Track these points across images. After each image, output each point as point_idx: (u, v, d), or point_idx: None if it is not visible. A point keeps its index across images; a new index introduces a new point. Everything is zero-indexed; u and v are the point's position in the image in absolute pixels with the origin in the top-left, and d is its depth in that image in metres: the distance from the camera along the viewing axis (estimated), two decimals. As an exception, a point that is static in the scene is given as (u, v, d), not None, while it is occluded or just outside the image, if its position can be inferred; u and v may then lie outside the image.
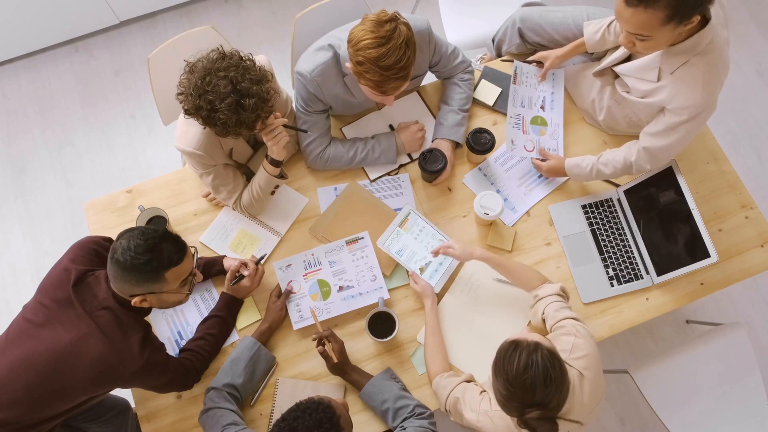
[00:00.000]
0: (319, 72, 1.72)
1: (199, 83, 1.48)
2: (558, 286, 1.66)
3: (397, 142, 1.93)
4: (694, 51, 1.52)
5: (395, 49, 1.50)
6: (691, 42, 1.51)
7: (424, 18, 1.78)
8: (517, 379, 1.27)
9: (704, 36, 1.50)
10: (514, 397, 1.28)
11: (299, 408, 1.25)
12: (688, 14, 1.41)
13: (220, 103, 1.46)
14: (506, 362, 1.30)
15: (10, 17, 2.75)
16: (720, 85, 1.58)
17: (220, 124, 1.49)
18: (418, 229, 1.83)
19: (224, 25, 3.13)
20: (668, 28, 1.43)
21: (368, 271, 1.82)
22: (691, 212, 1.69)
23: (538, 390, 1.26)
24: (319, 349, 1.65)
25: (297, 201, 1.93)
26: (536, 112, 2.01)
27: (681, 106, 1.59)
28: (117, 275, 1.37)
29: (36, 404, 1.41)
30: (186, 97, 1.51)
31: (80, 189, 2.83)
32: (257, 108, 1.50)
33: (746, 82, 3.09)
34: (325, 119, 1.88)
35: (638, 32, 1.46)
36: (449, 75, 1.98)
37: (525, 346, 1.31)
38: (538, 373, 1.26)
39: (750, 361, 2.06)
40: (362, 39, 1.52)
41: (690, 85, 1.56)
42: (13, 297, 2.65)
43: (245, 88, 1.47)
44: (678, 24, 1.42)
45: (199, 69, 1.50)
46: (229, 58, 1.51)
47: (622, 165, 1.78)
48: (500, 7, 2.43)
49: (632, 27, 1.46)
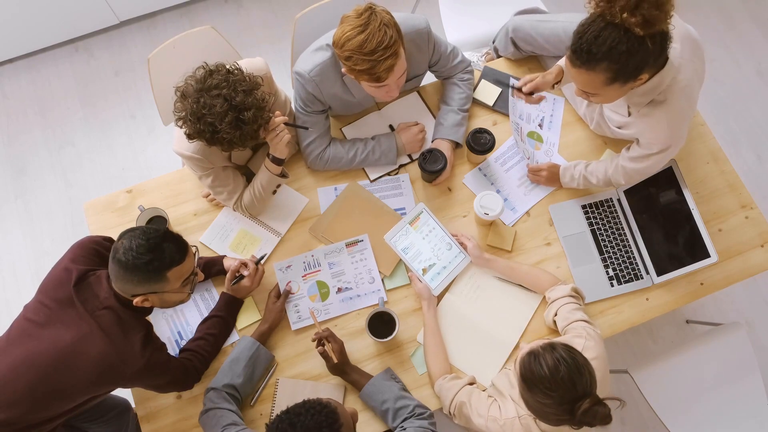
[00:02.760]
0: (318, 72, 1.73)
1: (195, 107, 1.47)
2: (569, 287, 1.68)
3: (398, 143, 1.93)
4: (655, 91, 1.55)
5: (375, 31, 1.52)
6: (651, 84, 1.52)
7: (423, 17, 1.78)
8: (554, 380, 1.26)
9: (663, 77, 1.52)
10: (559, 399, 1.27)
11: (304, 406, 1.25)
12: (632, 76, 1.44)
13: (220, 123, 1.46)
14: (534, 372, 1.29)
15: (10, 17, 2.75)
16: (686, 120, 1.62)
17: (226, 142, 1.50)
18: (428, 229, 1.82)
19: (224, 25, 3.13)
20: (614, 87, 1.47)
21: (367, 274, 1.83)
22: (691, 212, 1.69)
23: (577, 381, 1.26)
24: (319, 349, 1.65)
25: (297, 201, 1.93)
26: (534, 128, 2.02)
27: (649, 141, 1.65)
28: (119, 275, 1.37)
29: (37, 404, 1.41)
30: (185, 122, 1.51)
31: (80, 189, 2.83)
32: (257, 118, 1.50)
33: (746, 82, 3.09)
34: (325, 119, 1.88)
35: (585, 89, 1.52)
36: (449, 75, 1.98)
37: (542, 350, 1.32)
38: (569, 365, 1.27)
39: (750, 361, 2.06)
40: (343, 34, 1.55)
41: (655, 125, 1.61)
42: (13, 297, 2.65)
43: (241, 102, 1.47)
44: (623, 84, 1.46)
45: (190, 93, 1.49)
46: (216, 73, 1.49)
47: (603, 176, 1.83)
48: (500, 7, 2.43)
49: (579, 84, 1.53)
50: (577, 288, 1.69)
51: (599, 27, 1.39)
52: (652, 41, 1.38)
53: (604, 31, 1.38)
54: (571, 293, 1.66)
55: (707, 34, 3.18)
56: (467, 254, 1.80)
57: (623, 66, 1.40)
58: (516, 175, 1.98)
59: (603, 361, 1.49)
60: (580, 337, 1.51)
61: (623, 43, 1.37)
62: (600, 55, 1.39)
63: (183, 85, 1.52)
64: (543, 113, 2.04)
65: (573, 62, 1.46)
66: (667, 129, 1.59)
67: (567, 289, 1.67)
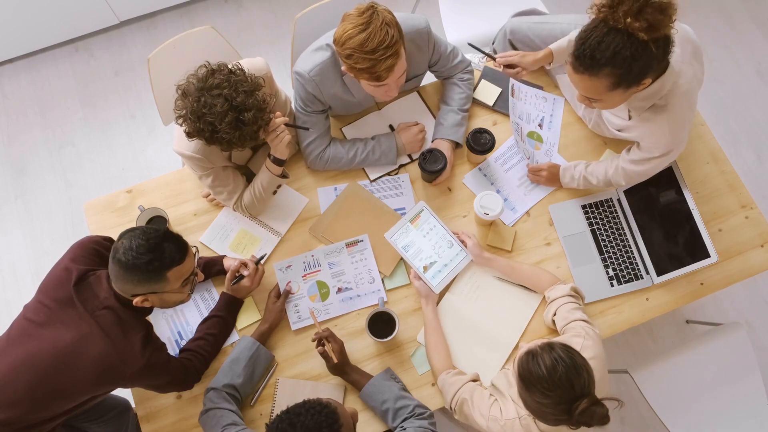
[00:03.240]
0: (318, 72, 1.73)
1: (195, 106, 1.47)
2: (569, 286, 1.68)
3: (398, 143, 1.93)
4: (657, 96, 1.55)
5: (377, 30, 1.52)
6: (653, 89, 1.52)
7: (422, 17, 1.78)
8: (552, 379, 1.27)
9: (665, 82, 1.52)
10: (557, 399, 1.27)
11: (304, 406, 1.24)
12: (635, 81, 1.44)
13: (220, 123, 1.46)
14: (532, 371, 1.30)
15: (10, 17, 2.75)
16: (687, 124, 1.62)
17: (225, 142, 1.50)
18: (429, 227, 1.82)
19: (224, 25, 3.13)
20: (617, 93, 1.47)
21: (367, 274, 1.83)
22: (691, 212, 1.69)
23: (575, 381, 1.27)
24: (319, 349, 1.65)
25: (297, 201, 1.93)
26: (533, 128, 2.02)
27: (650, 146, 1.65)
28: (119, 275, 1.37)
29: (37, 404, 1.41)
30: (185, 120, 1.51)
31: (80, 189, 2.83)
32: (257, 119, 1.50)
33: (746, 82, 3.08)
34: (325, 119, 1.88)
35: (588, 95, 1.52)
36: (448, 75, 1.98)
37: (540, 350, 1.32)
38: (567, 365, 1.27)
39: (750, 361, 2.06)
40: (344, 33, 1.55)
41: (656, 130, 1.61)
42: (13, 297, 2.65)
43: (241, 102, 1.47)
44: (627, 89, 1.46)
45: (191, 91, 1.49)
46: (218, 72, 1.49)
47: (603, 177, 1.83)
48: (500, 7, 2.43)
49: (582, 90, 1.52)
50: (577, 288, 1.69)
51: (602, 32, 1.38)
52: (656, 45, 1.37)
53: (608, 37, 1.37)
54: (570, 293, 1.67)
55: (707, 34, 3.18)
56: (469, 251, 1.80)
57: (627, 71, 1.40)
58: (516, 175, 1.97)
59: (601, 360, 1.49)
60: (579, 337, 1.51)
61: (627, 48, 1.36)
62: (603, 61, 1.39)
63: (185, 83, 1.53)
64: (543, 113, 2.04)
65: (576, 68, 1.45)
66: (668, 134, 1.59)
67: (566, 289, 1.67)
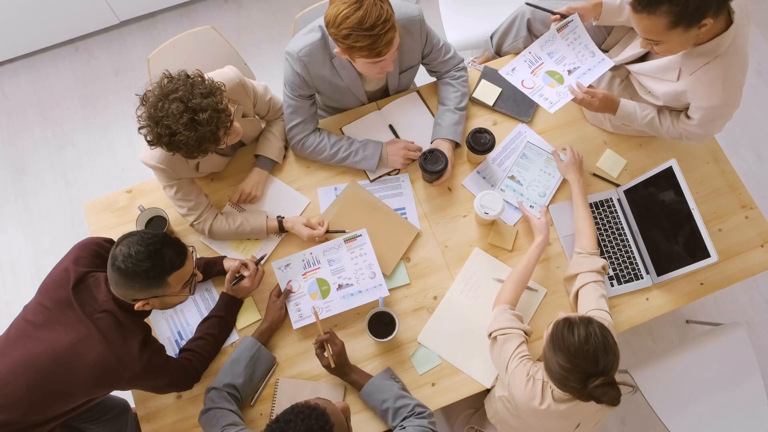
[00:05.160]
0: (307, 52, 1.73)
1: (152, 111, 1.47)
2: (601, 263, 1.70)
3: (383, 153, 1.92)
4: (715, 53, 1.54)
5: (371, 6, 1.52)
6: (714, 44, 1.52)
7: (417, 6, 1.79)
8: (580, 350, 1.31)
9: (726, 38, 1.51)
10: (577, 368, 1.32)
11: (293, 411, 1.23)
12: (695, 19, 1.43)
13: (176, 125, 1.45)
14: (566, 336, 1.34)
15: (10, 17, 2.75)
16: (740, 85, 1.62)
17: (183, 146, 1.49)
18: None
19: (224, 25, 3.13)
20: (677, 32, 1.46)
21: (367, 269, 1.82)
22: (691, 212, 1.69)
23: (600, 359, 1.31)
24: (317, 352, 1.65)
25: (297, 201, 1.93)
26: (560, 70, 1.86)
27: (701, 106, 1.64)
28: (119, 282, 1.37)
29: (36, 405, 1.41)
30: (147, 128, 1.51)
31: (80, 189, 2.83)
32: (212, 120, 1.48)
33: (746, 83, 3.07)
34: (310, 105, 1.88)
35: (648, 37, 1.51)
36: (441, 70, 1.98)
37: (579, 321, 1.36)
38: (599, 342, 1.31)
39: (750, 361, 2.06)
40: (338, 14, 1.53)
41: (709, 88, 1.59)
42: (13, 297, 2.65)
43: (197, 103, 1.46)
44: (687, 28, 1.45)
45: (150, 98, 1.49)
46: (176, 79, 1.50)
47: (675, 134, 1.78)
48: (500, 7, 2.43)
49: (642, 32, 1.51)
50: (606, 265, 1.72)
51: None
52: None
53: None
54: (599, 269, 1.69)
55: (707, 34, 3.18)
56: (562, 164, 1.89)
57: (684, 8, 1.39)
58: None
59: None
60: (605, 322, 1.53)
61: None
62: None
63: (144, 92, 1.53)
64: (581, 64, 1.86)
65: (634, 7, 1.46)
66: (721, 91, 1.58)
67: (598, 265, 1.69)
